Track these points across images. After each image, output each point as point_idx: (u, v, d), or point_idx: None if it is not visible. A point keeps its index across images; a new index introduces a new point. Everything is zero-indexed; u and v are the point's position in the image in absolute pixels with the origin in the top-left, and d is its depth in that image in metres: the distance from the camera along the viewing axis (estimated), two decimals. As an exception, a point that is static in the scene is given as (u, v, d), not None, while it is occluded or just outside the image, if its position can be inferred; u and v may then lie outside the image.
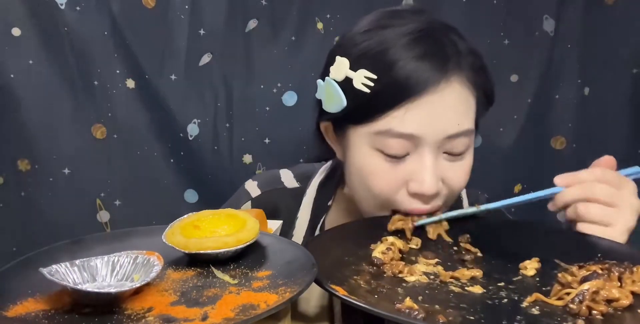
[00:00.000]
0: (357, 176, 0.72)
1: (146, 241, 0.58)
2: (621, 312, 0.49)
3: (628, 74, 1.22)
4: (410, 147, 0.67)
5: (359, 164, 0.71)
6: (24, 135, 1.13)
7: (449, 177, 0.69)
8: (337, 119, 0.74)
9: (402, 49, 0.67)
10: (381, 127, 0.67)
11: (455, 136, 0.67)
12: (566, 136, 1.24)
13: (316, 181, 0.88)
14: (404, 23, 0.69)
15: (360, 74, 0.67)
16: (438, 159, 0.68)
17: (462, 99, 0.68)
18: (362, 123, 0.69)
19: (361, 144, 0.70)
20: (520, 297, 0.53)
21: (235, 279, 0.52)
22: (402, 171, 0.68)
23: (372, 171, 0.69)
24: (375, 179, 0.70)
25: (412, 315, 0.47)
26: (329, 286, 0.50)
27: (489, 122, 1.24)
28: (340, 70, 0.70)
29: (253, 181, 0.90)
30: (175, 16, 1.15)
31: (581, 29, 1.20)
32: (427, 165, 0.67)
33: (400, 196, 0.69)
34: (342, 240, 0.64)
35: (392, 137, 0.67)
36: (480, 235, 0.67)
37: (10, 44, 1.09)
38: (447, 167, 0.69)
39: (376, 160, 0.69)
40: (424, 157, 0.67)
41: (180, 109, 1.18)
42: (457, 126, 0.67)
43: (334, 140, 0.78)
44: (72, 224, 1.16)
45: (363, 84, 0.67)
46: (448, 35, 0.70)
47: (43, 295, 0.48)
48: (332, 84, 0.70)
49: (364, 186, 0.71)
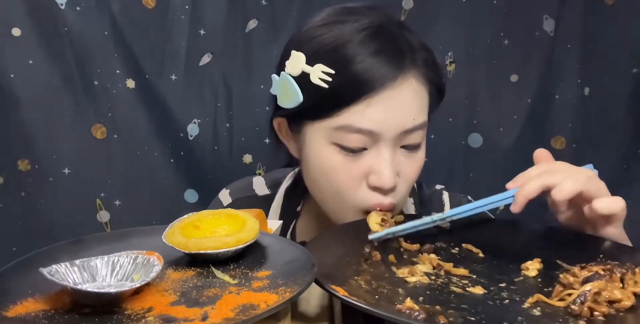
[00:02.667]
0: (317, 173, 0.73)
1: (146, 241, 0.58)
2: (623, 313, 0.49)
3: (628, 74, 1.22)
4: (368, 142, 0.68)
5: (317, 160, 0.71)
6: (24, 135, 1.13)
7: (404, 171, 0.71)
8: (293, 115, 0.74)
9: (359, 44, 0.67)
10: (340, 122, 0.68)
11: (412, 130, 0.69)
12: (566, 136, 1.24)
13: (283, 187, 0.88)
14: (358, 18, 0.70)
15: (317, 68, 0.67)
16: (395, 153, 0.70)
17: (417, 94, 0.69)
18: (319, 118, 0.69)
19: (318, 140, 0.71)
20: (522, 298, 0.53)
21: (235, 279, 0.52)
22: (361, 166, 0.69)
23: (332, 167, 0.70)
24: (335, 174, 0.70)
25: (412, 316, 0.47)
26: (329, 287, 0.50)
27: (489, 122, 1.25)
28: (296, 65, 0.69)
29: (226, 189, 0.92)
30: (175, 16, 1.15)
31: (581, 29, 1.20)
32: (385, 159, 0.68)
33: (361, 192, 0.70)
34: (342, 240, 0.64)
35: (352, 133, 0.67)
36: (482, 235, 0.67)
37: (10, 44, 1.09)
38: (403, 161, 0.71)
39: (335, 155, 0.70)
40: (382, 151, 0.68)
41: (180, 109, 1.18)
42: (413, 120, 0.68)
43: (288, 137, 0.78)
44: (72, 224, 1.16)
45: (320, 79, 0.67)
46: (402, 31, 0.71)
47: (43, 295, 0.48)
48: (288, 79, 0.70)
49: (325, 183, 0.72)
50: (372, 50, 0.67)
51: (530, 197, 0.60)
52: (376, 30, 0.69)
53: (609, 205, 0.58)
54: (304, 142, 0.74)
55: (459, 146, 1.25)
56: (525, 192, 0.60)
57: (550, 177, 0.59)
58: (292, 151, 0.79)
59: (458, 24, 1.20)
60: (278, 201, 0.88)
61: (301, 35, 0.73)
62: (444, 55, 1.21)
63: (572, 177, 0.59)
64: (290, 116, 0.75)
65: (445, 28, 1.19)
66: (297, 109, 0.71)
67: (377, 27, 0.69)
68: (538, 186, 0.59)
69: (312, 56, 0.69)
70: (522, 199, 0.60)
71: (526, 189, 0.60)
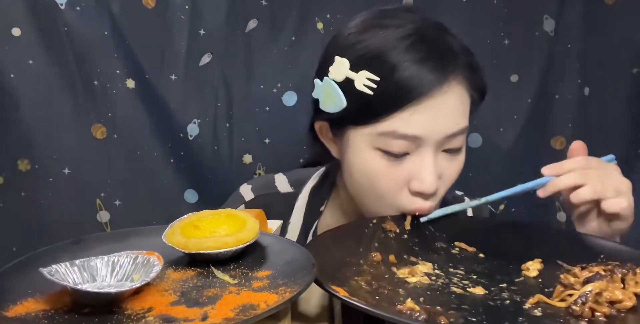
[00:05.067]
0: (361, 177, 0.73)
1: (146, 241, 0.58)
2: (624, 314, 0.49)
3: (628, 74, 1.22)
4: (411, 147, 0.68)
5: (360, 164, 0.72)
6: (24, 135, 1.12)
7: (445, 174, 0.71)
8: (335, 119, 0.74)
9: (403, 51, 0.67)
10: (385, 128, 0.68)
11: (455, 134, 0.69)
12: (566, 136, 1.24)
13: (309, 186, 0.88)
14: (400, 24, 0.70)
15: (362, 75, 0.67)
16: (437, 157, 0.70)
17: (460, 99, 0.70)
18: (363, 124, 0.69)
19: (361, 145, 0.71)
20: (523, 298, 0.53)
21: (235, 279, 0.52)
22: (403, 170, 0.69)
23: (376, 171, 0.70)
24: (379, 179, 0.70)
25: (413, 316, 0.47)
26: (329, 287, 0.50)
27: (489, 122, 1.25)
28: (340, 71, 0.69)
29: (247, 185, 0.91)
30: (175, 16, 1.15)
31: (581, 29, 1.20)
32: (428, 164, 0.68)
33: (403, 196, 0.70)
34: (343, 240, 0.64)
35: (396, 139, 0.68)
36: (482, 236, 0.67)
37: (10, 44, 1.09)
38: (445, 165, 0.71)
39: (378, 160, 0.70)
40: (425, 156, 0.68)
41: (180, 109, 1.18)
42: (457, 125, 0.69)
43: (329, 140, 0.79)
44: (72, 224, 1.15)
45: (365, 85, 0.67)
46: (444, 35, 0.71)
47: (43, 295, 0.48)
48: (332, 84, 0.70)
49: (369, 186, 0.72)
50: (417, 58, 0.67)
51: (560, 190, 0.65)
52: (420, 37, 0.69)
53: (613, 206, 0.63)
54: (346, 146, 0.74)
55: (459, 146, 1.24)
56: (560, 184, 0.64)
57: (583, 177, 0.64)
58: (334, 153, 0.79)
59: (458, 24, 1.19)
60: (303, 199, 0.87)
61: (343, 40, 0.73)
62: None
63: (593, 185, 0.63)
64: (332, 120, 0.75)
65: (445, 28, 1.19)
66: (339, 114, 0.71)
67: (420, 33, 0.69)
68: (572, 182, 0.64)
69: (355, 62, 0.69)
70: (555, 189, 0.64)
71: (562, 181, 0.64)
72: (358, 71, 0.68)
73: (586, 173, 0.64)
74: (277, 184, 0.91)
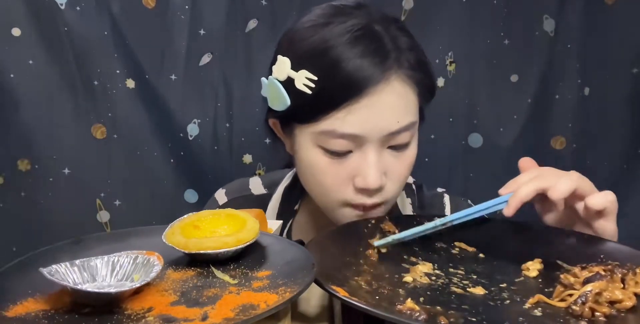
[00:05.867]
0: (306, 173, 0.74)
1: (146, 241, 0.58)
2: (624, 314, 0.49)
3: (628, 74, 1.22)
4: (353, 146, 0.69)
5: (306, 161, 0.73)
6: (24, 135, 1.12)
7: (392, 171, 0.71)
8: (283, 117, 0.75)
9: (343, 48, 0.67)
10: (324, 127, 0.68)
11: (397, 132, 0.69)
12: (566, 136, 1.24)
13: (282, 186, 0.89)
14: (344, 20, 0.69)
15: (301, 74, 0.68)
16: (382, 154, 0.70)
17: (401, 96, 0.69)
18: (306, 122, 0.70)
19: (306, 142, 0.71)
20: (523, 298, 0.53)
21: (235, 279, 0.52)
22: (347, 167, 0.70)
23: (319, 169, 0.71)
24: (322, 176, 0.71)
25: (413, 316, 0.47)
26: (329, 287, 0.50)
27: (489, 122, 1.25)
28: (282, 70, 0.70)
29: (222, 189, 0.93)
30: (175, 16, 1.15)
31: (581, 29, 1.20)
32: (370, 161, 0.68)
33: (347, 192, 0.71)
34: (343, 240, 0.64)
35: (335, 138, 0.68)
36: (482, 236, 0.67)
37: (10, 44, 1.09)
38: (391, 161, 0.71)
39: (321, 157, 0.70)
40: (367, 154, 0.69)
41: (180, 109, 1.18)
42: (397, 123, 0.68)
43: (282, 135, 0.79)
44: (72, 224, 1.16)
45: (304, 84, 0.67)
46: (389, 31, 0.70)
47: (43, 295, 0.48)
48: (275, 83, 0.71)
49: (314, 183, 0.74)
50: (354, 55, 0.66)
51: (524, 201, 0.62)
52: (360, 33, 0.68)
53: (601, 200, 0.60)
54: (294, 143, 0.75)
55: (459, 146, 1.24)
56: (519, 196, 0.62)
57: (542, 181, 0.61)
58: (288, 149, 0.80)
59: (458, 24, 1.19)
60: (276, 199, 0.88)
61: (288, 37, 0.73)
62: (444, 55, 1.21)
63: (564, 177, 0.61)
64: (281, 118, 0.76)
65: (445, 28, 1.19)
66: (285, 112, 0.72)
67: (361, 29, 0.68)
68: (532, 189, 0.61)
69: (297, 60, 0.69)
70: (517, 202, 0.62)
71: (520, 193, 0.62)
72: (299, 70, 0.68)
73: (544, 178, 0.62)
74: (251, 186, 0.92)
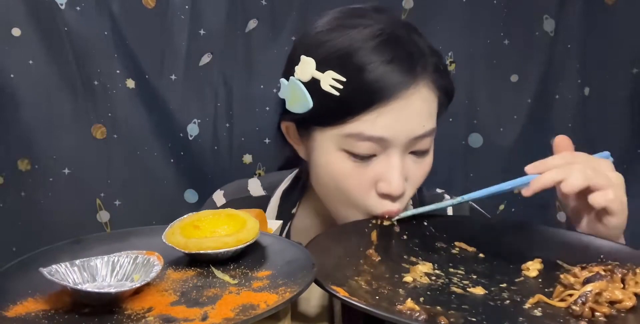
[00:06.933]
0: (327, 179, 0.72)
1: (146, 241, 0.58)
2: (624, 314, 0.49)
3: (628, 74, 1.22)
4: (378, 149, 0.68)
5: (327, 166, 0.71)
6: (24, 135, 1.12)
7: (412, 176, 0.71)
8: (301, 120, 0.73)
9: (371, 51, 0.66)
10: (351, 130, 0.67)
11: (422, 136, 0.69)
12: (566, 136, 1.24)
13: (281, 188, 0.88)
14: (368, 24, 0.69)
15: (328, 75, 0.67)
16: (404, 159, 0.69)
17: (427, 101, 0.69)
18: (329, 125, 0.69)
19: (328, 146, 0.70)
20: (523, 298, 0.53)
21: (235, 279, 0.52)
22: (370, 172, 0.69)
23: (342, 173, 0.70)
24: (345, 181, 0.70)
25: (413, 317, 0.47)
26: (329, 287, 0.50)
27: (489, 122, 1.25)
28: (306, 71, 0.68)
29: (220, 191, 0.92)
30: (175, 16, 1.15)
31: (581, 29, 1.20)
32: (394, 166, 0.68)
33: (371, 198, 0.70)
34: (343, 240, 0.64)
35: (362, 141, 0.67)
36: (482, 236, 0.67)
37: (10, 44, 1.09)
38: (412, 166, 0.70)
39: (344, 162, 0.69)
40: (391, 158, 0.68)
41: (180, 109, 1.18)
42: (423, 127, 0.68)
43: (296, 140, 0.78)
44: (72, 224, 1.15)
45: (331, 86, 0.66)
46: (412, 37, 0.70)
47: (43, 295, 0.48)
48: (298, 84, 0.69)
49: (335, 188, 0.72)
50: (384, 59, 0.66)
51: (545, 187, 0.62)
52: (388, 38, 0.68)
53: (600, 199, 0.60)
54: (313, 147, 0.73)
55: (459, 146, 1.24)
56: (542, 181, 0.61)
57: (568, 171, 0.61)
58: (301, 154, 0.78)
59: (458, 24, 1.19)
60: (275, 202, 0.88)
61: (310, 39, 0.72)
62: (444, 56, 1.20)
63: (584, 170, 0.60)
64: (298, 121, 0.74)
65: (445, 28, 1.19)
66: (306, 115, 0.70)
67: (389, 33, 0.68)
68: (556, 178, 0.61)
69: (322, 62, 0.68)
70: (538, 187, 0.62)
71: (544, 179, 0.61)
72: (324, 71, 0.67)
73: (571, 167, 0.61)
74: (250, 188, 0.91)
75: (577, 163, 0.62)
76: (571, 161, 0.63)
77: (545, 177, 0.61)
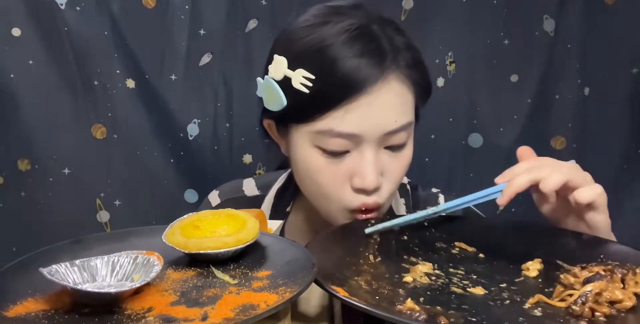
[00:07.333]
0: (303, 174, 0.74)
1: (146, 241, 0.58)
2: (624, 314, 0.49)
3: (628, 74, 1.22)
4: (350, 145, 0.68)
5: (303, 161, 0.72)
6: (24, 135, 1.12)
7: (388, 171, 0.71)
8: (279, 117, 0.74)
9: (340, 47, 0.67)
10: (321, 127, 0.68)
11: (394, 131, 0.68)
12: (566, 136, 1.24)
13: (275, 188, 0.89)
14: (341, 20, 0.69)
15: (298, 73, 0.67)
16: (379, 154, 0.69)
17: (399, 96, 0.69)
18: (302, 122, 0.70)
19: (303, 142, 0.71)
20: (523, 298, 0.53)
21: (235, 279, 0.52)
22: (344, 168, 0.69)
23: (316, 169, 0.71)
24: (319, 176, 0.71)
25: (413, 317, 0.47)
26: (329, 287, 0.50)
27: (489, 122, 1.25)
28: (278, 69, 0.69)
29: (216, 191, 0.92)
30: (175, 16, 1.15)
31: (581, 29, 1.20)
32: (368, 161, 0.68)
33: (345, 193, 0.71)
34: (343, 240, 0.64)
35: (333, 137, 0.68)
36: (482, 236, 0.67)
37: (10, 44, 1.09)
38: (388, 161, 0.70)
39: (318, 157, 0.70)
40: (364, 153, 0.68)
41: (180, 109, 1.18)
42: (395, 122, 0.68)
43: (277, 137, 0.79)
44: (72, 224, 1.15)
45: (302, 83, 0.67)
46: (385, 31, 0.70)
47: (43, 295, 0.48)
48: (271, 83, 0.70)
49: (312, 184, 0.73)
50: (353, 54, 0.66)
51: (518, 191, 0.62)
52: (357, 33, 0.68)
53: (588, 193, 0.60)
54: (291, 144, 0.74)
55: (459, 146, 1.24)
56: (514, 186, 0.62)
57: (537, 172, 0.61)
58: (283, 151, 0.80)
59: (458, 24, 1.19)
60: (269, 201, 0.88)
61: (285, 37, 0.73)
62: (444, 55, 1.21)
63: (557, 169, 0.61)
64: (277, 118, 0.76)
65: (445, 28, 1.19)
66: (282, 112, 0.71)
67: (359, 28, 0.68)
68: (527, 180, 0.61)
69: (294, 60, 0.68)
70: (511, 192, 0.62)
71: (515, 183, 0.62)
72: (297, 69, 0.68)
73: (539, 169, 0.62)
74: (245, 188, 0.92)
75: (546, 165, 0.62)
76: (539, 164, 0.63)
77: (517, 182, 0.61)
